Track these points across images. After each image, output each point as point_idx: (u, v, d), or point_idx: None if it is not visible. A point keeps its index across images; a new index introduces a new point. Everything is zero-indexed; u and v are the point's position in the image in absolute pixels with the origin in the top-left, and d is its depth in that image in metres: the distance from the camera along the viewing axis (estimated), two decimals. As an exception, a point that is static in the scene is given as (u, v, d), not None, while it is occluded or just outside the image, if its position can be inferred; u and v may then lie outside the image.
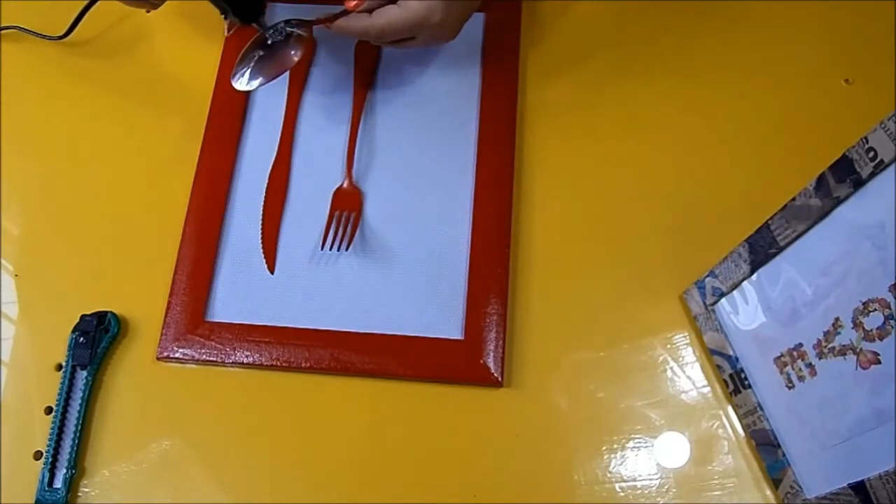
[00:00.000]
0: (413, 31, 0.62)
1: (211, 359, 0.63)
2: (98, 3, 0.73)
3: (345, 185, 0.68)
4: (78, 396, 0.62)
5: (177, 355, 0.63)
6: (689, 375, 0.63)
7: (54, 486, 0.60)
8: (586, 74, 0.73)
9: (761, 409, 0.58)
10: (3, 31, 0.75)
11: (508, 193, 0.67)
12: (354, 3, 0.61)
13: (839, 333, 0.50)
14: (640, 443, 0.61)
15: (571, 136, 0.70)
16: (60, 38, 0.74)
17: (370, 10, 0.61)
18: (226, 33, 0.74)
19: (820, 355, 0.52)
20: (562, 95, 0.72)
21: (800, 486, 0.55)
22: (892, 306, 0.46)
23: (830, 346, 0.51)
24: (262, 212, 0.68)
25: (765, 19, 0.74)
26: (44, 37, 0.75)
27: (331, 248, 0.66)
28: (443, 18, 0.61)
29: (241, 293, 0.65)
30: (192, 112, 0.71)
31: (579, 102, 0.72)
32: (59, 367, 0.63)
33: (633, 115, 0.71)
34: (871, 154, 0.46)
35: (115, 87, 0.73)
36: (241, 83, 0.62)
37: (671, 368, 0.63)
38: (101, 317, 0.64)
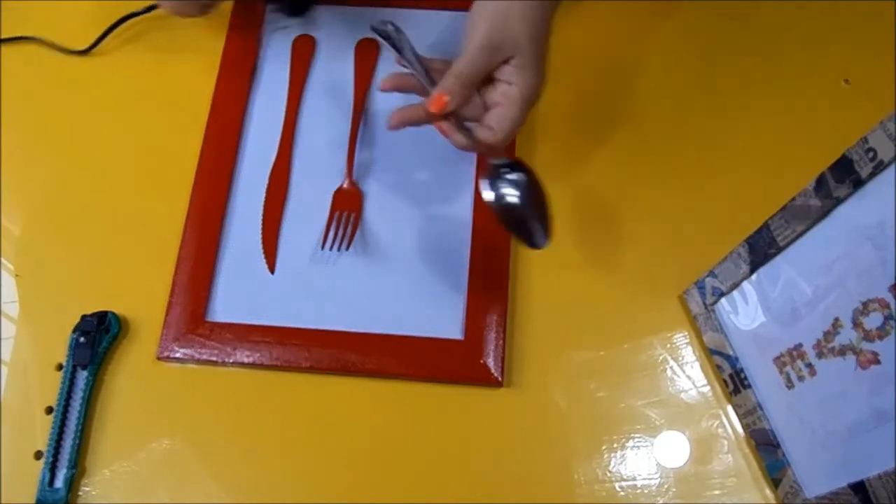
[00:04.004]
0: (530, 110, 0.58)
1: (211, 359, 0.63)
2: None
3: (345, 185, 0.68)
4: (78, 396, 0.62)
5: (177, 355, 0.63)
6: (689, 375, 0.63)
7: (55, 486, 0.60)
8: (589, 85, 0.73)
9: (761, 408, 0.58)
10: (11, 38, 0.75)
11: (508, 193, 0.67)
12: (435, 108, 0.56)
13: (839, 333, 0.50)
14: (640, 442, 0.61)
15: (573, 137, 0.70)
16: (83, 52, 0.74)
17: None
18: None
19: (820, 355, 0.52)
20: (563, 93, 0.72)
21: (799, 486, 0.55)
22: (892, 306, 0.46)
23: (830, 346, 0.51)
24: (262, 212, 0.68)
25: (764, 20, 0.74)
26: (67, 51, 0.74)
27: (331, 248, 0.66)
28: (542, 80, 0.58)
29: (241, 293, 0.65)
30: (192, 112, 0.71)
31: (581, 102, 0.72)
32: (60, 366, 0.63)
33: (633, 116, 0.71)
34: (871, 154, 0.46)
35: (115, 88, 0.73)
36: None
37: (671, 368, 0.63)
38: (101, 317, 0.64)
